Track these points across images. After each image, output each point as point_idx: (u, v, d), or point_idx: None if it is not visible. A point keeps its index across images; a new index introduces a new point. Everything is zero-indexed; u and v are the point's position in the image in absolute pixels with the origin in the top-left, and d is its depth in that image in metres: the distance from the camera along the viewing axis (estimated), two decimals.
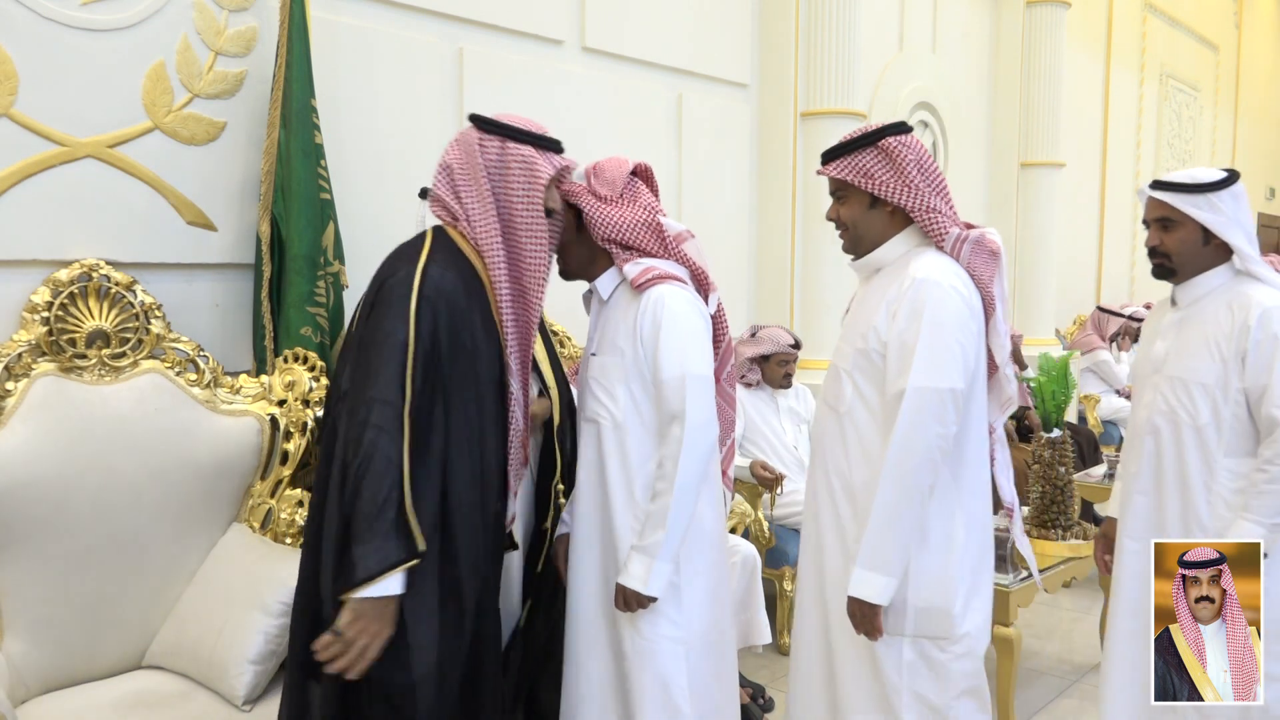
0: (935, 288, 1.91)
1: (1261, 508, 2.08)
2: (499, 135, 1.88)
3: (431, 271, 1.77)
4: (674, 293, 1.95)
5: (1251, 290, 2.16)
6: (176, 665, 2.22)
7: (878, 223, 2.05)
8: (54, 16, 2.29)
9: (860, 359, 1.98)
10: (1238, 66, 9.78)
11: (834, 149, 2.08)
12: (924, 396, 1.85)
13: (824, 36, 4.38)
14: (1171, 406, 2.22)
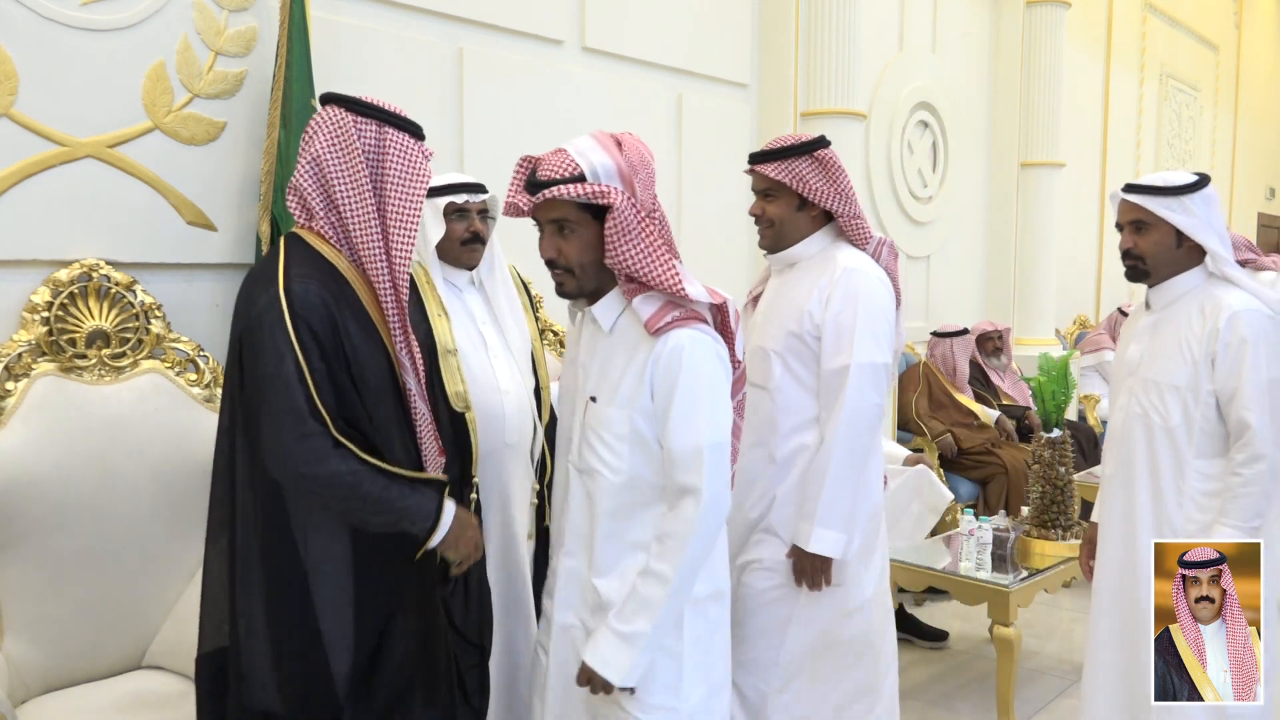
0: (866, 277, 2.17)
1: (1238, 512, 2.11)
2: (375, 120, 1.74)
3: (295, 289, 1.62)
4: (695, 342, 1.66)
5: (1223, 293, 2.19)
6: (176, 665, 2.22)
7: (802, 223, 2.26)
8: (54, 16, 2.29)
9: (792, 340, 2.19)
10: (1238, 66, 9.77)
11: (769, 153, 2.21)
12: (865, 371, 2.10)
13: (824, 36, 4.38)
14: (1145, 409, 2.25)
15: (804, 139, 2.22)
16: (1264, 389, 2.11)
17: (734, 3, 4.34)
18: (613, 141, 1.67)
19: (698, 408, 1.65)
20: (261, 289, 1.65)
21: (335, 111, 1.75)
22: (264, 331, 1.60)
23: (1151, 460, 2.24)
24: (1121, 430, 2.32)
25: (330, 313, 1.63)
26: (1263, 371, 2.12)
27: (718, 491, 1.67)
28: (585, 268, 1.71)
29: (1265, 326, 2.14)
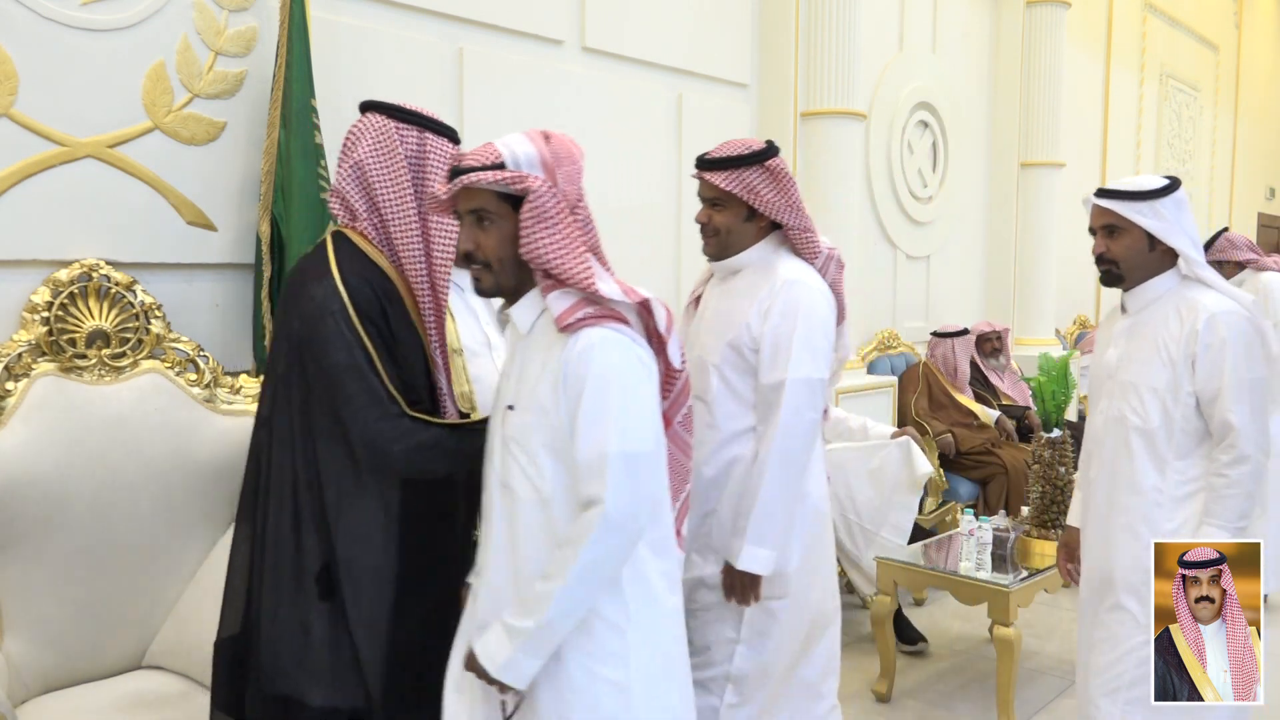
0: (807, 289, 2.14)
1: (1224, 513, 2.12)
2: (417, 126, 1.82)
3: (352, 282, 1.71)
4: (608, 341, 1.52)
5: (1198, 295, 2.20)
6: (176, 665, 2.22)
7: (749, 232, 2.21)
8: (54, 16, 2.29)
9: (730, 353, 2.16)
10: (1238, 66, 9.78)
11: (719, 160, 2.17)
12: (801, 386, 2.08)
13: (824, 36, 4.39)
14: (1124, 412, 2.26)
15: (754, 147, 2.17)
16: (1245, 389, 2.12)
17: (734, 3, 4.34)
18: (540, 135, 1.60)
19: (606, 413, 1.50)
20: (315, 282, 1.72)
21: (377, 119, 1.82)
22: (328, 323, 1.68)
23: (1129, 460, 2.25)
24: (1102, 433, 2.33)
25: (383, 307, 1.73)
26: (1243, 372, 2.13)
27: (623, 506, 1.48)
28: (504, 263, 1.59)
29: (1243, 327, 2.16)
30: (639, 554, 1.58)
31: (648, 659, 1.60)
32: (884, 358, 5.09)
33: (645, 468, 1.53)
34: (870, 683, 3.37)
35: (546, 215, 1.54)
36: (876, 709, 3.24)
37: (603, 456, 1.49)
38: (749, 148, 2.17)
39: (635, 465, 1.50)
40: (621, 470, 1.49)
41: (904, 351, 5.24)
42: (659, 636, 1.63)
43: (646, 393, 1.56)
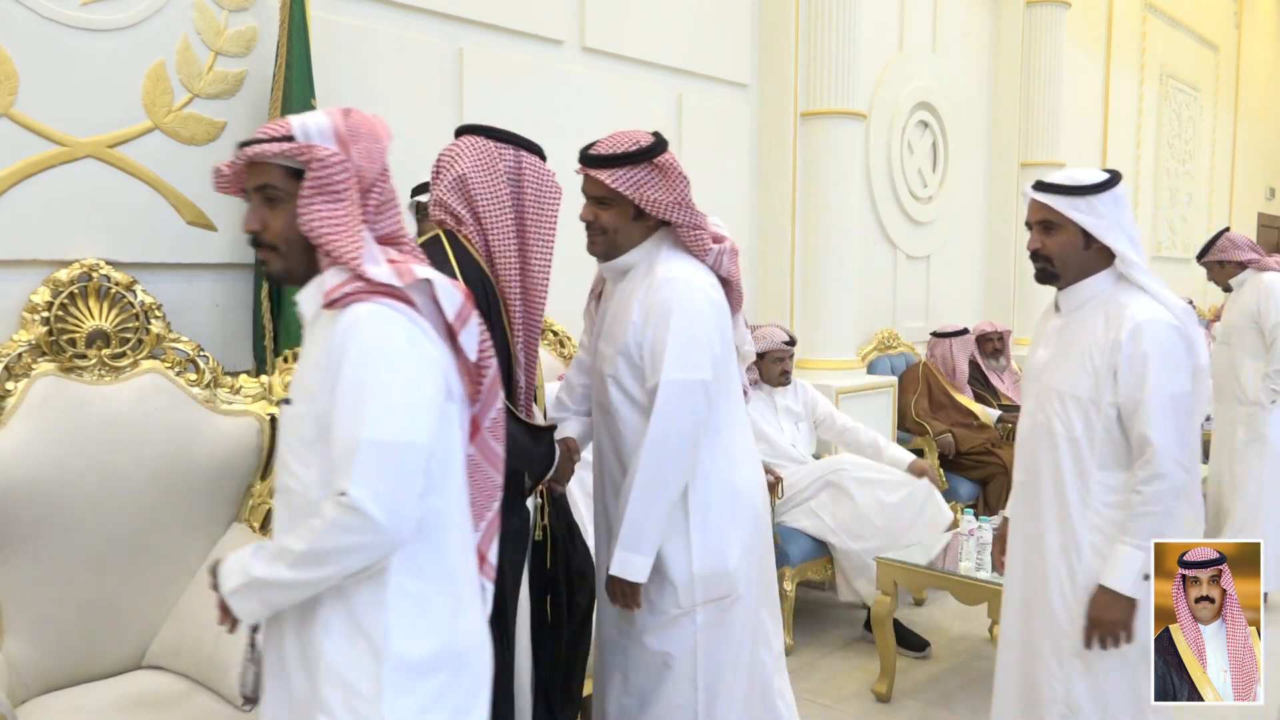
0: (683, 287, 2.05)
1: (1139, 530, 2.04)
2: (512, 145, 1.97)
3: (470, 275, 1.87)
4: (376, 316, 1.36)
5: (1129, 301, 2.10)
6: (176, 665, 2.22)
7: (636, 231, 2.13)
8: (54, 16, 2.29)
9: (621, 360, 2.09)
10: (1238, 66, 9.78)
11: (606, 158, 2.06)
12: (676, 388, 2.00)
13: (824, 36, 4.38)
14: (1049, 417, 2.19)
15: (643, 143, 2.07)
16: (1166, 405, 2.03)
17: (734, 3, 4.34)
18: (340, 111, 1.49)
19: (363, 394, 1.32)
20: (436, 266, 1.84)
21: (476, 140, 1.97)
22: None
23: (1056, 471, 2.17)
24: (1028, 437, 2.26)
25: (489, 303, 1.89)
26: (1164, 386, 2.03)
27: (367, 501, 1.28)
28: (292, 244, 1.46)
29: (1169, 338, 2.06)
30: (396, 582, 1.38)
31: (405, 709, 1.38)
32: (884, 358, 5.09)
33: (406, 462, 1.32)
34: (870, 683, 3.37)
35: (329, 188, 1.42)
36: (876, 709, 3.24)
37: (354, 444, 1.30)
38: (637, 143, 2.07)
39: (392, 457, 1.30)
40: (372, 460, 1.29)
41: (904, 352, 5.24)
42: (422, 676, 1.40)
43: (418, 376, 1.36)
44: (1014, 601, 2.32)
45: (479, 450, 1.54)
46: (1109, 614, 2.07)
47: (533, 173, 1.98)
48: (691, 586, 2.10)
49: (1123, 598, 2.05)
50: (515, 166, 1.97)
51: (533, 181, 1.98)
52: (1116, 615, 2.06)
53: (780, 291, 4.55)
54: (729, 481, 2.13)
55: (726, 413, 2.15)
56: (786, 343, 3.85)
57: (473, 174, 1.93)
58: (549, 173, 2.01)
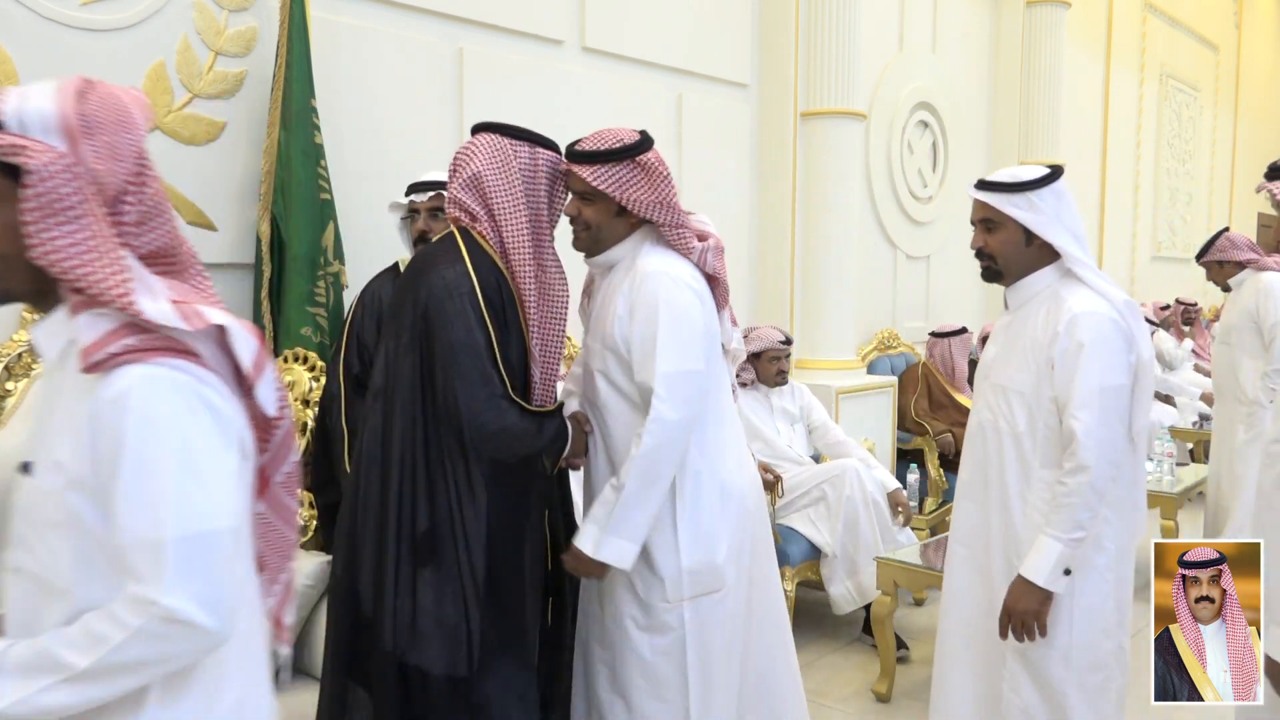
0: (666, 279, 2.06)
1: (1060, 522, 2.02)
2: (527, 142, 1.99)
3: (481, 271, 1.90)
4: (154, 384, 1.09)
5: (1069, 295, 2.09)
6: None
7: (620, 227, 2.13)
8: (54, 16, 2.29)
9: (609, 354, 2.10)
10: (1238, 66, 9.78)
11: (590, 154, 2.04)
12: (671, 380, 2.00)
13: (824, 36, 4.39)
14: (994, 414, 2.18)
15: (627, 140, 2.05)
16: (1095, 396, 2.01)
17: (734, 3, 4.34)
18: (76, 88, 1.16)
19: (159, 483, 1.07)
20: (446, 266, 1.90)
21: (491, 137, 1.98)
22: (455, 301, 1.86)
23: (1000, 467, 2.17)
24: (975, 435, 2.25)
25: (502, 297, 1.92)
26: (1094, 378, 2.01)
27: (186, 606, 1.06)
28: (8, 261, 1.13)
29: (1105, 330, 2.03)
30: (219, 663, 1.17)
31: None
32: (884, 358, 5.09)
33: (220, 550, 1.10)
34: (870, 683, 3.37)
35: (59, 204, 1.10)
36: (876, 709, 3.24)
37: (157, 544, 1.07)
38: (620, 140, 2.05)
39: (204, 550, 1.09)
40: (183, 560, 1.07)
41: (904, 351, 5.24)
42: None
43: (216, 449, 1.12)
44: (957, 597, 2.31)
45: (269, 506, 1.31)
46: (1020, 604, 2.05)
47: (547, 168, 2.01)
48: (680, 580, 2.08)
49: (1037, 589, 2.03)
50: (530, 164, 1.99)
51: (548, 178, 2.01)
52: (1028, 605, 2.05)
53: (780, 291, 4.55)
54: (717, 475, 2.12)
55: (715, 406, 2.15)
56: (783, 342, 3.85)
57: (487, 172, 1.95)
58: (563, 167, 2.04)
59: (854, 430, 4.33)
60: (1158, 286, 8.23)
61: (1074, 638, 2.10)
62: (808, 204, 4.50)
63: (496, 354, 1.88)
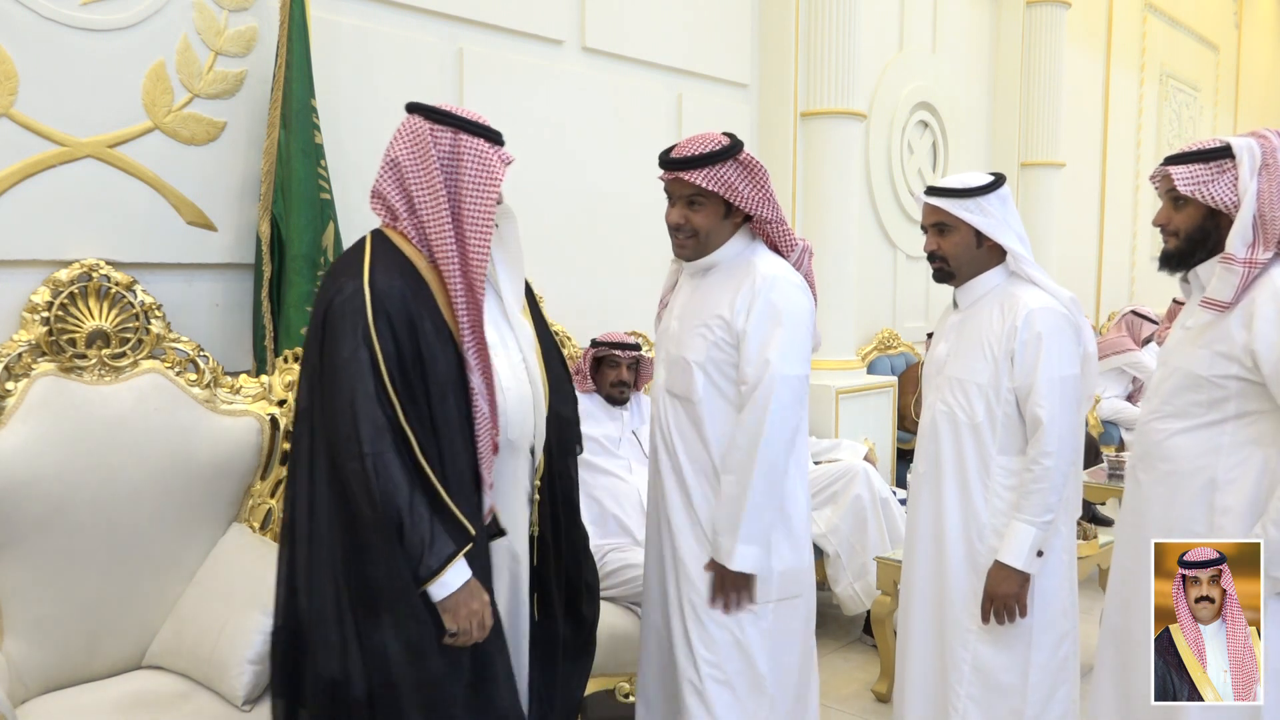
0: (788, 285, 2.12)
1: (1031, 507, 2.17)
2: (451, 126, 1.82)
3: (379, 284, 1.74)
4: None
5: (1021, 292, 2.24)
6: (176, 665, 2.22)
7: (726, 229, 2.17)
8: (54, 16, 2.29)
9: (714, 350, 2.13)
10: (1238, 66, 9.78)
11: (696, 158, 2.09)
12: (787, 384, 2.06)
13: (824, 36, 4.38)
14: (951, 407, 2.30)
15: (724, 142, 2.11)
16: (1056, 386, 2.17)
17: (734, 3, 4.34)
18: None
19: None
20: (347, 279, 1.76)
21: (414, 120, 1.83)
22: (346, 319, 1.72)
23: (958, 457, 2.28)
24: (930, 428, 2.36)
25: (409, 309, 1.74)
26: (1055, 369, 2.17)
27: None
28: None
29: (1058, 324, 2.20)
30: None
31: None
32: (884, 358, 5.09)
33: None
34: (870, 683, 3.37)
35: None
36: (876, 709, 3.24)
37: None
38: (720, 143, 2.10)
39: None
40: None
41: (904, 351, 5.24)
42: None
43: None
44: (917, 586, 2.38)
45: None
46: (1003, 587, 2.19)
47: (472, 156, 1.81)
48: (771, 582, 2.15)
49: (1016, 572, 2.19)
50: (451, 150, 1.81)
51: (472, 166, 1.81)
52: (1010, 589, 2.19)
53: None
54: (806, 480, 2.24)
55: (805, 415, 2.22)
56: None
57: (406, 159, 1.81)
58: (494, 157, 1.84)
59: (854, 430, 4.33)
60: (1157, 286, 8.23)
61: (1035, 619, 2.24)
62: (808, 204, 4.50)
63: (384, 375, 1.70)
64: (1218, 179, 2.06)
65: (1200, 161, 2.09)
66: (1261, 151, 2.02)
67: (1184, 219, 2.13)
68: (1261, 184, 2.01)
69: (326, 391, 1.73)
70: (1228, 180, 2.05)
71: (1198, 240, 2.12)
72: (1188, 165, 2.10)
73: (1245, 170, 2.02)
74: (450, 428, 1.79)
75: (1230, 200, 2.04)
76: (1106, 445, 5.58)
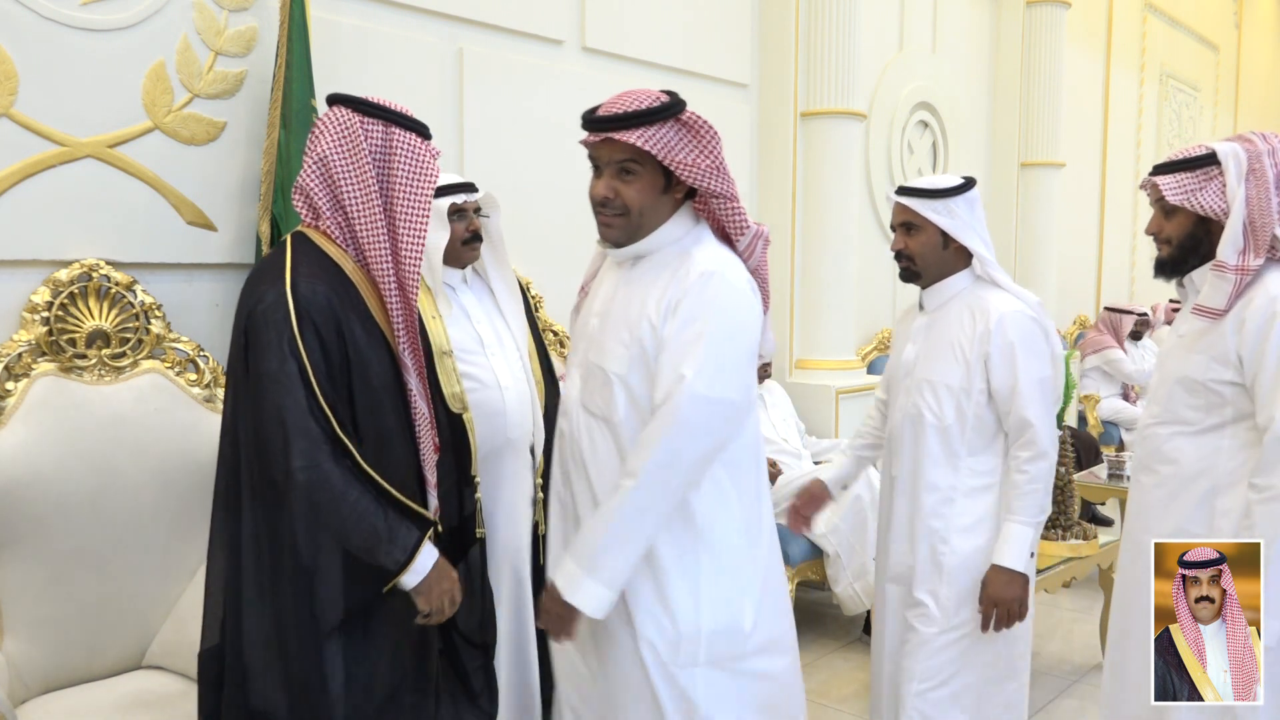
0: (726, 285, 1.70)
1: (1025, 509, 2.18)
2: (382, 120, 1.73)
3: (302, 290, 1.62)
4: None
5: (989, 295, 2.27)
6: (176, 665, 2.22)
7: (665, 207, 1.75)
8: (54, 16, 2.29)
9: (639, 364, 1.72)
10: (1238, 66, 9.77)
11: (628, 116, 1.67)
12: (698, 406, 1.63)
13: (824, 36, 4.39)
14: (920, 409, 2.30)
15: (664, 98, 1.69)
16: (1037, 388, 2.19)
17: (734, 3, 4.34)
18: None
19: None
20: (267, 286, 1.65)
21: (341, 112, 1.75)
22: (269, 329, 1.60)
23: (928, 457, 2.28)
24: (900, 430, 2.35)
25: (335, 314, 1.64)
26: (1034, 372, 2.19)
27: None
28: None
29: (1030, 328, 2.23)
30: None
31: None
32: (884, 358, 5.09)
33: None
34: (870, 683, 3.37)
35: None
36: None
37: None
38: (658, 99, 1.69)
39: None
40: None
41: None
42: None
43: None
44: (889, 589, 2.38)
45: None
46: (1008, 591, 2.17)
47: (404, 151, 1.72)
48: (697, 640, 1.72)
49: (1018, 574, 2.17)
50: (383, 144, 1.71)
51: (404, 161, 1.72)
52: (1015, 592, 2.17)
53: (780, 291, 4.54)
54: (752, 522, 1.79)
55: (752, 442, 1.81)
56: None
57: (333, 154, 1.70)
58: (426, 152, 1.75)
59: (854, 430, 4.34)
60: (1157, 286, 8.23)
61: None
62: (808, 204, 4.50)
63: (314, 385, 1.59)
64: (1205, 187, 2.08)
65: (1186, 170, 2.10)
66: (1247, 156, 2.03)
67: (1175, 227, 2.15)
68: (1249, 190, 2.02)
69: (255, 406, 1.63)
70: (1215, 187, 2.06)
71: (1190, 248, 2.15)
72: (1174, 175, 2.12)
73: (1232, 177, 2.04)
74: (390, 432, 1.72)
75: (1219, 207, 2.06)
76: (1106, 445, 5.58)
